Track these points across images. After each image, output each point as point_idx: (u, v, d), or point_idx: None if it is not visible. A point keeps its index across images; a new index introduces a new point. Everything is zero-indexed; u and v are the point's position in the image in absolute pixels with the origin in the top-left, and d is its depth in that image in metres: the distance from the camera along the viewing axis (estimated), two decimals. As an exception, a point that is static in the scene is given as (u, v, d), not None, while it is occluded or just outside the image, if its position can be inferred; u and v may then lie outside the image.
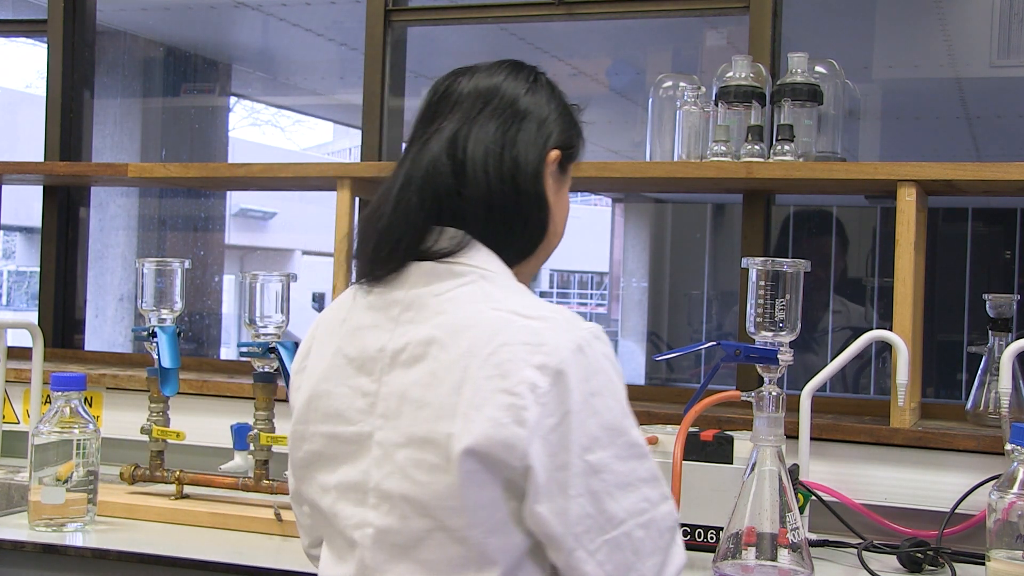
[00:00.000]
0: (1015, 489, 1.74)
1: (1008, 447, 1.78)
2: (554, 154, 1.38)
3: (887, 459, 2.14)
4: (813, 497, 2.06)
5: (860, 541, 2.02)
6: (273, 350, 2.16)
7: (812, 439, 2.13)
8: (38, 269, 3.27)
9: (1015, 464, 1.76)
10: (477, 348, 1.23)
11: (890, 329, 2.13)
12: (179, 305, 2.32)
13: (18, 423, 2.72)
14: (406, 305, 1.31)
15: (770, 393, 1.80)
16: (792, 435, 2.10)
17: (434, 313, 1.28)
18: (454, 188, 1.32)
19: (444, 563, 1.23)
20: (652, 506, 1.26)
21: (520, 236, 1.36)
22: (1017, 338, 2.14)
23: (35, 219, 3.29)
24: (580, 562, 1.22)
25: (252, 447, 2.17)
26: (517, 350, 1.22)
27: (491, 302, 1.28)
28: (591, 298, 14.67)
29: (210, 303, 5.71)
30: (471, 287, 1.29)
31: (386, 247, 1.32)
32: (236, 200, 11.23)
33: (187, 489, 2.22)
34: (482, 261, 1.32)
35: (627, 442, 1.25)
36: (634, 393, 1.67)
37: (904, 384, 2.09)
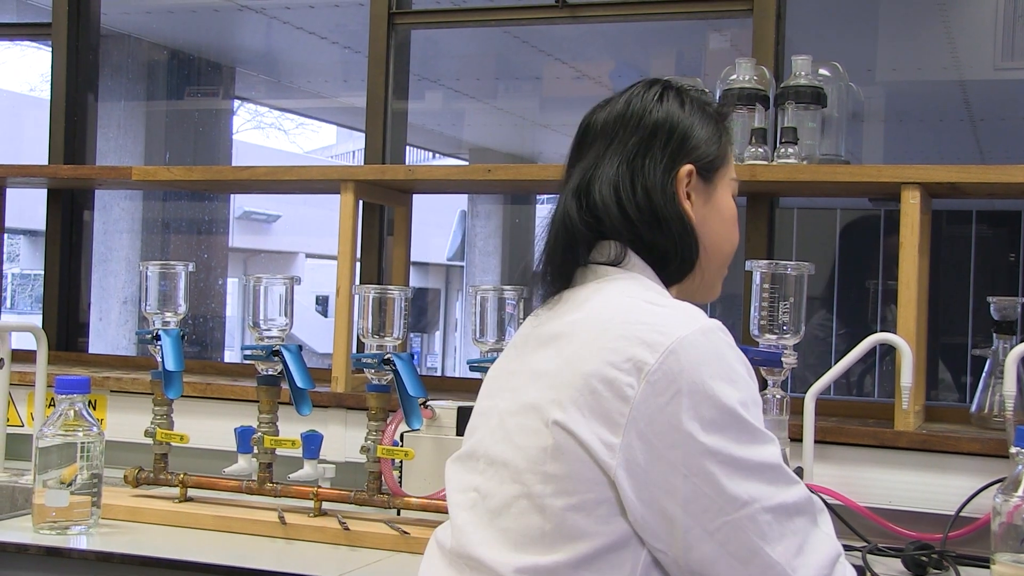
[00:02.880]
0: (1020, 492, 1.74)
1: (1013, 450, 1.78)
2: (686, 169, 1.38)
3: (891, 462, 2.13)
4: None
5: (864, 544, 2.02)
6: (277, 353, 2.16)
7: (816, 442, 2.13)
8: (42, 272, 3.27)
9: (1020, 467, 1.75)
10: (599, 325, 1.26)
11: (894, 332, 2.13)
12: (183, 308, 2.32)
13: (22, 426, 2.72)
14: (564, 299, 1.38)
15: (774, 396, 1.80)
16: (796, 438, 2.10)
17: (582, 301, 1.34)
18: (588, 223, 1.37)
19: (520, 532, 1.24)
20: (779, 490, 1.20)
21: (672, 256, 1.38)
22: (1022, 341, 2.14)
23: (39, 222, 3.29)
24: (697, 540, 1.18)
25: (256, 450, 2.17)
26: (634, 328, 1.23)
27: (628, 293, 1.32)
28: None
29: (214, 306, 5.71)
30: (619, 282, 1.35)
31: (545, 277, 1.42)
32: (240, 203, 11.24)
33: (191, 492, 2.22)
34: (639, 270, 1.37)
35: (746, 428, 1.21)
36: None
37: (908, 387, 2.09)
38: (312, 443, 2.15)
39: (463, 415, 2.12)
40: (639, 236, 1.36)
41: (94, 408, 2.67)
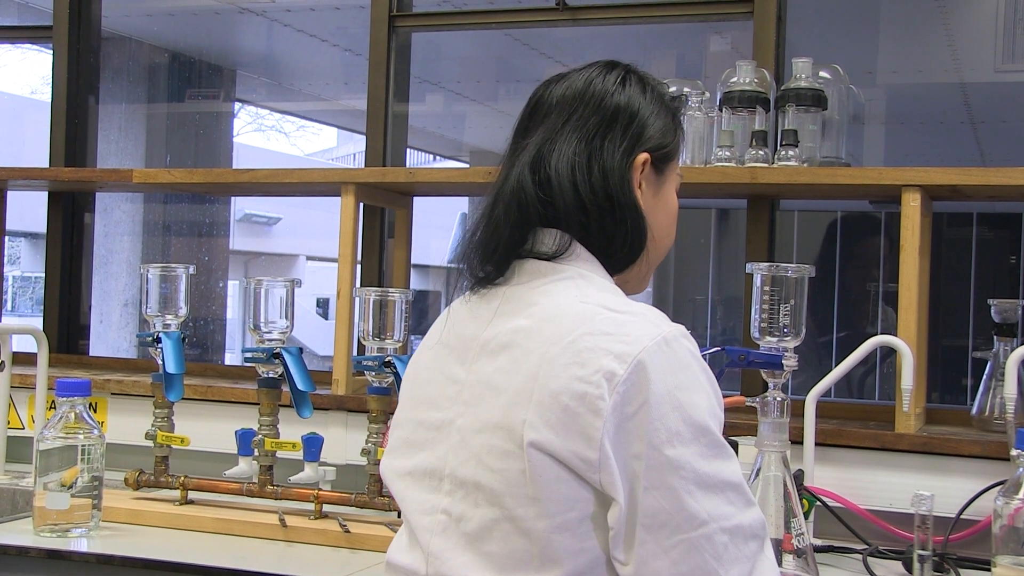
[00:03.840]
0: (1021, 494, 1.74)
1: (1013, 452, 1.78)
2: (642, 157, 1.34)
3: (892, 464, 2.13)
4: (818, 502, 2.05)
5: (865, 547, 2.02)
6: (277, 355, 2.16)
7: (817, 444, 2.13)
8: (43, 274, 3.27)
9: (1021, 469, 1.76)
10: (559, 336, 1.21)
11: (895, 334, 2.13)
12: (184, 311, 2.32)
13: (23, 428, 2.72)
14: (506, 299, 1.31)
15: (775, 398, 1.80)
16: (797, 440, 2.10)
17: (527, 304, 1.28)
18: (543, 200, 1.30)
19: (506, 556, 1.20)
20: (738, 511, 1.19)
21: (622, 244, 1.33)
22: (1022, 343, 2.14)
23: (40, 225, 3.29)
24: (652, 556, 1.16)
25: (256, 452, 2.17)
26: (598, 339, 1.19)
27: (582, 296, 1.26)
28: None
29: (215, 308, 5.71)
30: (567, 283, 1.29)
31: (485, 254, 1.34)
32: (240, 205, 11.23)
33: (191, 494, 2.22)
34: (583, 264, 1.32)
35: (712, 441, 1.19)
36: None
37: (909, 389, 2.09)
38: (313, 446, 2.15)
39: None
40: (588, 220, 1.31)
41: (95, 411, 2.67)
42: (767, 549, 1.23)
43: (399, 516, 2.12)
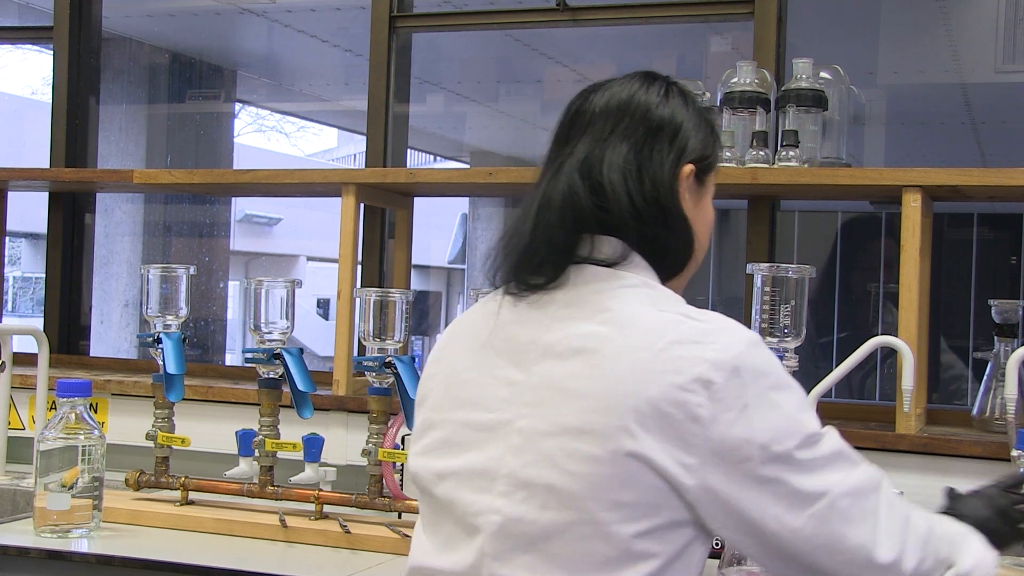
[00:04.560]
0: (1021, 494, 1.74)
1: (1014, 453, 1.78)
2: (688, 168, 1.37)
3: (893, 465, 2.13)
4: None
5: (866, 547, 2.01)
6: (278, 356, 2.16)
7: (817, 445, 2.12)
8: (43, 275, 3.27)
9: (1021, 470, 1.75)
10: (647, 344, 1.23)
11: (895, 335, 2.12)
12: (184, 311, 2.32)
13: (23, 429, 2.72)
14: (565, 303, 1.31)
15: (775, 399, 1.79)
16: (797, 441, 2.09)
17: (597, 310, 1.28)
18: (596, 205, 1.32)
19: (577, 558, 1.22)
20: (848, 473, 1.25)
21: (672, 253, 1.37)
22: (1023, 344, 2.14)
23: (41, 225, 3.29)
24: (787, 544, 1.22)
25: (257, 453, 2.17)
26: (690, 348, 1.22)
27: (657, 304, 1.29)
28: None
29: (215, 309, 5.71)
30: (635, 290, 1.30)
31: (536, 256, 1.33)
32: (241, 206, 11.24)
33: (192, 495, 2.22)
34: (643, 271, 1.34)
35: (810, 430, 1.24)
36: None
37: (910, 390, 2.09)
38: (313, 446, 2.15)
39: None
40: (642, 228, 1.33)
41: (95, 411, 2.67)
42: (885, 494, 1.27)
43: (399, 517, 2.12)
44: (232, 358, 6.47)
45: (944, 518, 1.39)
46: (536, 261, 1.33)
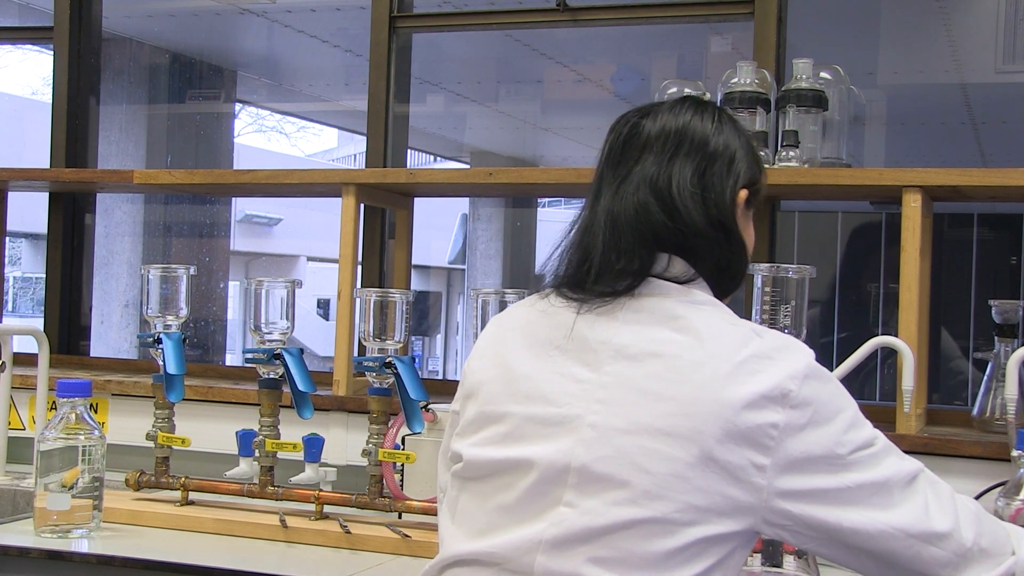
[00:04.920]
0: (1022, 495, 1.74)
1: (1015, 453, 1.78)
2: (743, 193, 1.44)
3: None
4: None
5: (866, 548, 2.01)
6: (278, 356, 2.16)
7: (818, 445, 2.12)
8: (44, 275, 3.27)
9: (1022, 470, 1.75)
10: (728, 354, 1.30)
11: (895, 335, 2.12)
12: (184, 311, 2.32)
13: (24, 429, 2.72)
14: (633, 309, 1.36)
15: (776, 399, 1.79)
16: (798, 441, 2.09)
17: (669, 317, 1.34)
18: (669, 224, 1.38)
19: (634, 554, 1.26)
20: (901, 461, 1.34)
21: (730, 273, 1.44)
22: (1023, 344, 2.14)
23: (41, 225, 3.30)
24: (854, 535, 1.29)
25: (257, 453, 2.17)
26: (765, 362, 1.30)
27: (729, 319, 1.36)
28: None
29: (215, 309, 5.72)
30: (704, 306, 1.37)
31: (610, 273, 1.38)
32: (241, 206, 11.24)
33: (192, 495, 2.22)
34: (707, 290, 1.41)
35: (867, 433, 1.33)
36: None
37: (910, 390, 2.09)
38: (313, 446, 2.15)
39: (464, 418, 2.12)
40: (709, 247, 1.39)
41: (95, 411, 2.67)
42: (929, 475, 1.36)
43: (400, 517, 2.12)
44: (232, 358, 6.47)
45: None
46: (611, 276, 1.37)
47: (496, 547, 1.32)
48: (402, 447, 2.13)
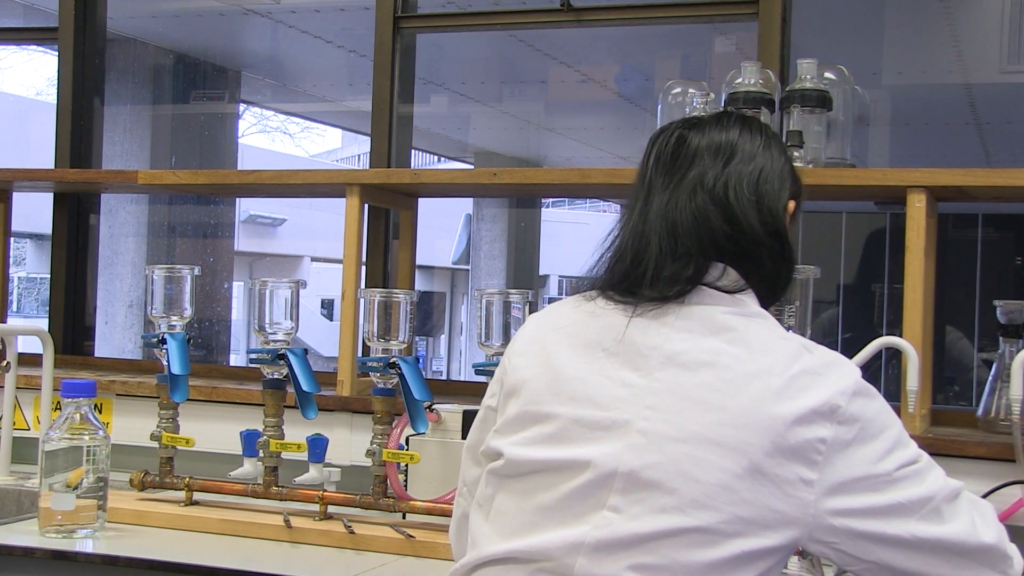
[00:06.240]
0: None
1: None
2: (792, 204, 1.47)
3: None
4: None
5: (870, 548, 2.01)
6: (282, 357, 2.16)
7: (822, 446, 2.12)
8: (48, 276, 3.27)
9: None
10: (780, 369, 1.31)
11: (899, 335, 2.12)
12: (189, 312, 2.32)
13: (28, 429, 2.72)
14: (683, 316, 1.37)
15: (780, 400, 1.79)
16: (802, 442, 2.09)
17: (721, 328, 1.35)
18: (728, 231, 1.39)
19: (678, 562, 1.26)
20: (941, 480, 1.35)
21: (780, 282, 1.45)
22: (1028, 344, 2.13)
23: (45, 226, 3.30)
24: (901, 553, 1.30)
25: (261, 453, 2.17)
26: (815, 377, 1.31)
27: (780, 333, 1.37)
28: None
29: (219, 310, 5.72)
30: (755, 319, 1.38)
31: (664, 278, 1.38)
32: (245, 207, 11.26)
33: (197, 495, 2.22)
34: (756, 300, 1.41)
35: (912, 449, 1.35)
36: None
37: (914, 391, 2.09)
38: (318, 447, 2.15)
39: (468, 419, 2.12)
40: (765, 255, 1.40)
41: (100, 412, 2.68)
42: (970, 496, 1.39)
43: (404, 517, 2.12)
44: (236, 359, 6.48)
45: None
46: (664, 281, 1.37)
47: (535, 545, 1.32)
48: (406, 447, 2.13)
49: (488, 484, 1.41)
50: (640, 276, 1.39)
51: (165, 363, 2.24)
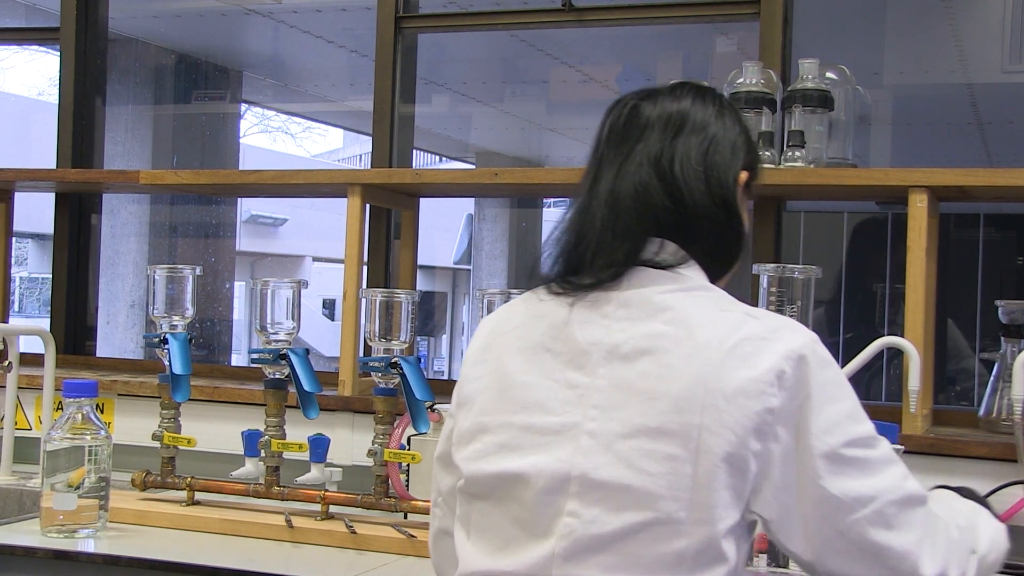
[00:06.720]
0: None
1: None
2: (744, 175, 1.42)
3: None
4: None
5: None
6: (284, 357, 2.16)
7: (824, 446, 2.11)
8: (50, 276, 3.28)
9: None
10: (717, 342, 1.26)
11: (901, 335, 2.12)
12: (190, 312, 2.32)
13: (30, 429, 2.73)
14: (621, 303, 1.33)
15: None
16: (803, 442, 2.09)
17: (658, 310, 1.30)
18: (669, 206, 1.35)
19: (651, 558, 1.23)
20: (900, 482, 1.28)
21: (727, 254, 1.41)
22: (1030, 344, 2.13)
23: (47, 226, 3.30)
24: (830, 539, 1.25)
25: (263, 453, 2.17)
26: (759, 343, 1.26)
27: (719, 304, 1.32)
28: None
29: (221, 309, 5.72)
30: (694, 292, 1.33)
31: (600, 260, 1.34)
32: (247, 207, 11.26)
33: (198, 495, 2.23)
34: (698, 273, 1.36)
35: (864, 430, 1.28)
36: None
37: (916, 391, 2.09)
38: (319, 447, 2.15)
39: (470, 419, 2.12)
40: (709, 228, 1.36)
41: (101, 411, 2.68)
42: (931, 509, 1.31)
43: (405, 517, 2.12)
44: (238, 359, 6.48)
45: (957, 499, 1.43)
46: (601, 262, 1.34)
47: (513, 565, 1.30)
48: (408, 447, 2.13)
49: (461, 503, 1.39)
50: (582, 256, 1.35)
51: (167, 363, 2.24)
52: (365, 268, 2.78)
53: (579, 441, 1.28)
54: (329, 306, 13.60)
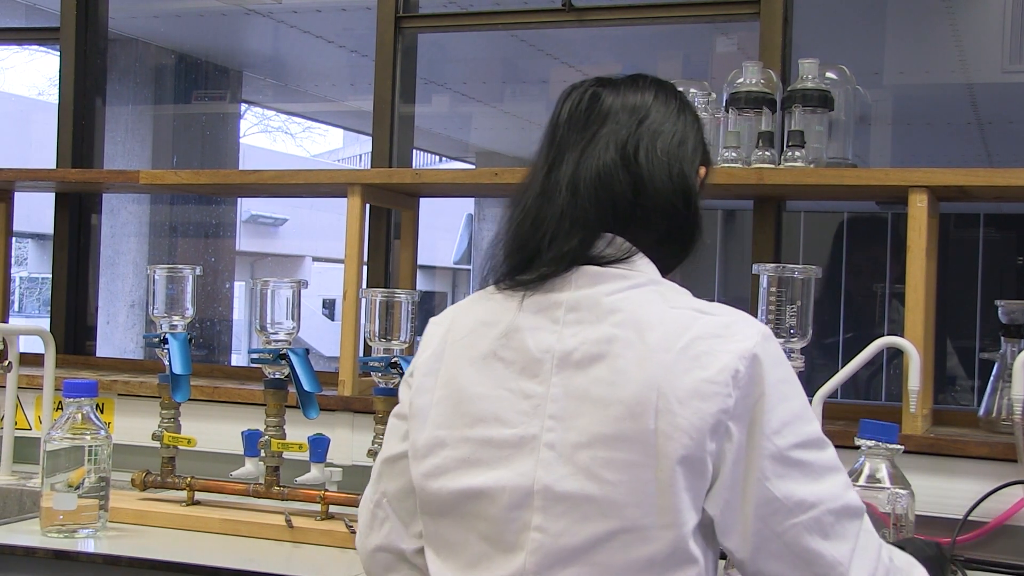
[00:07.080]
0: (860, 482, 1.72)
1: (858, 441, 1.77)
2: (703, 170, 1.42)
3: (899, 465, 2.13)
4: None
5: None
6: (284, 357, 2.16)
7: (823, 446, 2.12)
8: (50, 276, 3.28)
9: (862, 459, 1.74)
10: (668, 343, 1.24)
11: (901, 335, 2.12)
12: (190, 312, 2.32)
13: (30, 429, 2.73)
14: (571, 306, 1.31)
15: (781, 399, 1.79)
16: (803, 442, 2.09)
17: (607, 312, 1.29)
18: (628, 194, 1.33)
19: (624, 565, 1.22)
20: (842, 492, 1.27)
21: (683, 246, 1.39)
22: (1030, 344, 2.13)
23: (47, 226, 3.30)
24: (766, 541, 1.24)
25: (263, 453, 2.17)
26: (711, 342, 1.25)
27: (668, 302, 1.30)
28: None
29: (221, 309, 5.72)
30: (643, 289, 1.31)
31: (552, 251, 1.32)
32: (247, 207, 11.26)
33: (198, 495, 2.23)
34: (647, 267, 1.34)
35: (813, 431, 1.28)
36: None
37: (916, 390, 2.08)
38: (319, 447, 2.15)
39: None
40: (662, 217, 1.34)
41: (101, 411, 2.68)
42: (867, 523, 1.30)
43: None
44: (238, 358, 6.48)
45: (897, 549, 1.40)
46: (553, 252, 1.32)
47: None
48: (408, 447, 2.13)
49: (425, 522, 1.37)
50: (539, 244, 1.32)
51: (167, 363, 2.24)
52: (365, 268, 2.78)
53: (539, 453, 1.26)
54: (329, 306, 13.60)
